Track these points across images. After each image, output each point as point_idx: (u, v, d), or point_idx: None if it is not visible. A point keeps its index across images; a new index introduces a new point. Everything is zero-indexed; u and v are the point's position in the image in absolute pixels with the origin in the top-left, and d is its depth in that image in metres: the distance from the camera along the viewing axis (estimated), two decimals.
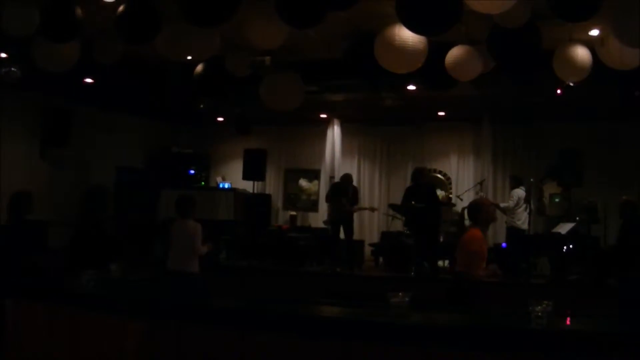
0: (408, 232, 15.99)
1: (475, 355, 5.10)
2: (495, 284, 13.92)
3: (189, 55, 10.80)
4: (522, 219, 15.35)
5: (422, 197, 14.85)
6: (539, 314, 5.15)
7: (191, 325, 6.00)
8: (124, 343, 6.24)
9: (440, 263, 15.71)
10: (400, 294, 5.52)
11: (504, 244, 16.28)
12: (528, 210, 15.40)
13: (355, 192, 16.79)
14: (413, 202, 14.83)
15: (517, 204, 15.41)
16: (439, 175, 19.44)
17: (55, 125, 16.31)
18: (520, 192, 15.48)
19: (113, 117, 18.09)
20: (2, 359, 7.23)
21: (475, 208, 8.86)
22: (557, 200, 17.52)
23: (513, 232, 15.48)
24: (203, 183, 21.00)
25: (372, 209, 18.51)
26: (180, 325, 6.03)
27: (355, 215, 17.10)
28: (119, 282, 7.38)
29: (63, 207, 15.99)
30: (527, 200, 15.33)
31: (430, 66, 10.36)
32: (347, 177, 16.66)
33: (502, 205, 16.37)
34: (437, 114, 18.41)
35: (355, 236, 17.03)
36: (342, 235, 16.43)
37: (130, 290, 7.27)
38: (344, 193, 16.24)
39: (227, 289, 12.22)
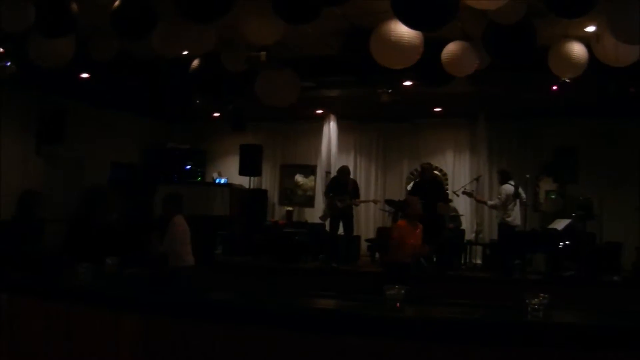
0: None
1: (471, 348, 5.11)
2: (489, 280, 14.05)
3: (184, 51, 10.79)
4: (513, 216, 15.18)
5: (431, 193, 14.93)
6: (535, 306, 5.17)
7: (186, 319, 6.01)
8: (119, 337, 6.24)
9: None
10: (396, 287, 5.54)
11: None
12: (518, 206, 15.33)
13: (355, 185, 16.82)
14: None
15: (506, 200, 15.27)
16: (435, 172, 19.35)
17: (51, 122, 16.28)
18: (508, 188, 15.22)
19: (108, 114, 18.10)
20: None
21: (405, 204, 11.60)
22: (552, 196, 17.56)
23: (504, 228, 15.39)
24: (199, 178, 21.03)
25: (375, 202, 18.58)
26: (175, 319, 6.04)
27: (354, 210, 17.06)
28: (115, 277, 7.38)
29: (58, 204, 15.96)
30: (516, 195, 15.21)
31: (426, 62, 10.36)
32: (344, 170, 16.69)
33: (489, 203, 16.36)
34: (433, 110, 18.44)
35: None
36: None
37: (126, 284, 7.28)
38: (343, 187, 16.27)
39: (222, 284, 12.23)
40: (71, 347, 6.50)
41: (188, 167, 20.82)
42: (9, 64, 12.06)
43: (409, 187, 19.35)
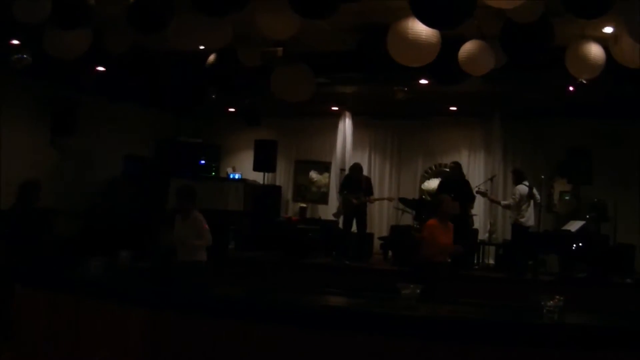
0: (418, 226, 15.99)
1: (486, 348, 5.09)
2: (503, 280, 14.01)
3: (200, 45, 10.78)
4: (526, 216, 15.11)
5: (459, 193, 14.91)
6: (551, 308, 5.15)
7: (194, 313, 6.01)
8: (127, 330, 6.25)
9: None
10: (411, 285, 5.52)
11: None
12: (532, 206, 15.26)
13: (368, 182, 16.81)
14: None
15: (520, 201, 15.22)
16: (447, 170, 19.17)
17: (64, 114, 16.34)
18: (523, 189, 15.20)
19: (122, 107, 18.13)
20: (10, 342, 7.27)
21: (437, 203, 11.37)
22: (566, 197, 17.50)
23: (517, 229, 15.35)
24: (214, 173, 21.04)
25: (390, 199, 18.54)
26: (183, 313, 6.04)
27: (367, 208, 17.04)
28: (125, 270, 7.40)
29: (70, 196, 16.02)
30: (530, 196, 15.15)
31: (443, 60, 10.33)
32: (356, 167, 16.67)
33: (503, 203, 16.38)
34: (448, 108, 18.38)
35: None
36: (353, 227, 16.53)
37: (135, 278, 7.29)
38: (357, 185, 16.26)
39: (234, 279, 12.24)
40: (80, 337, 6.52)
41: (202, 161, 20.83)
42: (24, 56, 12.09)
43: (423, 185, 19.41)
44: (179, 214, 10.53)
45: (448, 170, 17.99)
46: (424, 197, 18.92)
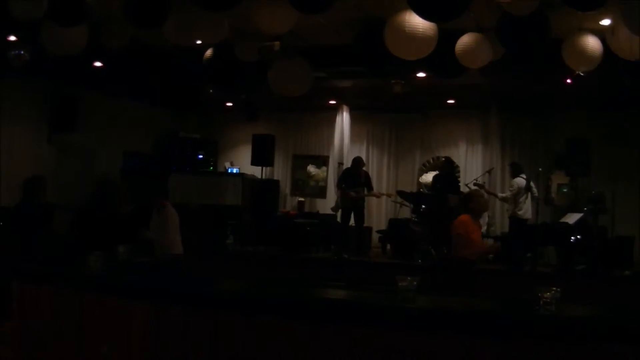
0: (416, 219, 16.01)
1: (483, 340, 5.09)
2: (501, 273, 13.99)
3: (197, 40, 10.79)
4: (524, 209, 15.22)
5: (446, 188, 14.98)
6: (548, 300, 5.15)
7: (197, 308, 6.01)
8: (130, 325, 6.25)
9: None
10: (408, 278, 5.52)
11: None
12: (529, 199, 15.30)
13: (367, 176, 16.82)
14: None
15: (517, 194, 15.27)
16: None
17: (63, 110, 16.28)
18: (520, 181, 15.31)
19: (120, 103, 18.10)
20: (9, 340, 7.27)
21: (468, 197, 10.48)
22: (564, 190, 17.49)
23: (515, 222, 15.40)
24: (211, 168, 21.04)
25: (389, 195, 18.50)
26: (185, 308, 6.04)
27: (365, 202, 17.05)
28: (126, 264, 7.40)
29: (70, 193, 15.99)
30: (527, 189, 15.19)
31: (440, 53, 10.33)
32: (358, 161, 16.67)
33: (500, 195, 16.40)
34: (445, 101, 18.39)
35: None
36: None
37: (137, 272, 7.29)
38: (356, 179, 16.27)
39: (233, 274, 12.24)
40: (82, 333, 6.52)
41: (200, 156, 20.82)
42: (22, 52, 12.07)
43: (421, 178, 19.42)
44: (154, 209, 10.67)
45: (430, 163, 18.12)
46: (421, 190, 18.93)
